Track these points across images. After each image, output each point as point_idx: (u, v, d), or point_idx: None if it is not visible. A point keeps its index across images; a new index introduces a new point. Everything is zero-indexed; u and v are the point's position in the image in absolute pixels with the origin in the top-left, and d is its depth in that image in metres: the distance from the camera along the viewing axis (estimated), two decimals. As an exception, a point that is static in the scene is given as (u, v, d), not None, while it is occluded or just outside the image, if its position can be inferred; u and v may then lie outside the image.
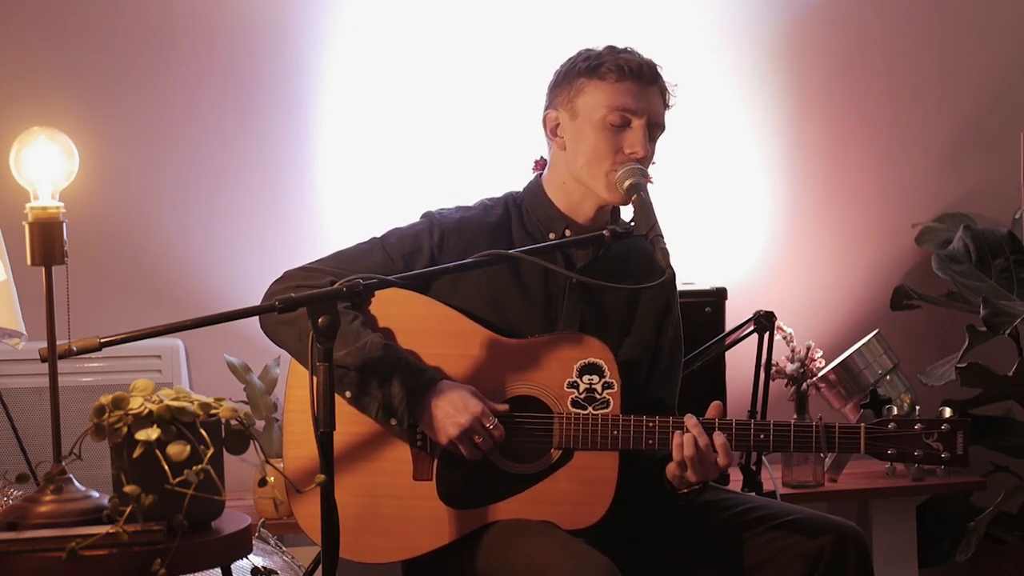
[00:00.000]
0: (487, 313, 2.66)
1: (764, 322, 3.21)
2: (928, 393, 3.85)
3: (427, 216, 2.77)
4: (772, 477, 3.54)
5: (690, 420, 2.55)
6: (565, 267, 2.69)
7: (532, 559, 2.47)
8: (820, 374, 3.65)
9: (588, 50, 2.73)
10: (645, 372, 2.75)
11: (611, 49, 2.70)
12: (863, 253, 4.13)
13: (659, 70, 2.71)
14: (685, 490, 2.61)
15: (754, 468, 3.37)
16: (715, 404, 2.60)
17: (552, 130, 2.73)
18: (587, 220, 2.73)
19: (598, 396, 2.60)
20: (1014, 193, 4.03)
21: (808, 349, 3.68)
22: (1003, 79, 4.20)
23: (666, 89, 2.71)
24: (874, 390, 3.65)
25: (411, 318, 2.64)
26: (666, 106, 2.72)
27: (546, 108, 2.75)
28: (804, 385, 3.65)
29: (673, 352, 2.80)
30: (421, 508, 2.59)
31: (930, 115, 4.17)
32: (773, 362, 3.40)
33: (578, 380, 2.60)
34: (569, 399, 2.60)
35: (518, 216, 2.76)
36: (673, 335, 2.80)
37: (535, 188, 2.78)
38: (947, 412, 2.59)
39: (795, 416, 3.64)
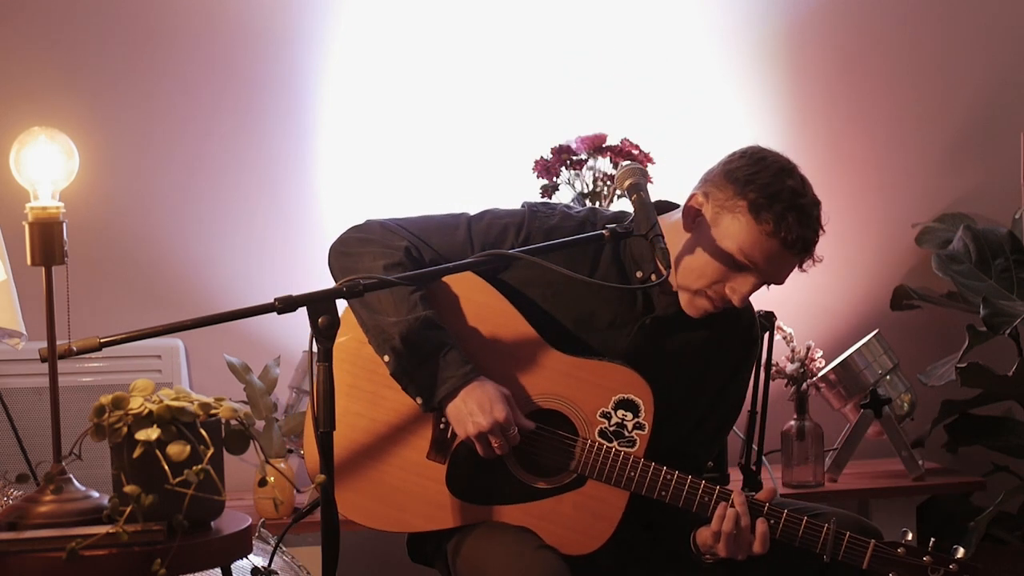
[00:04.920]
0: (546, 319, 2.63)
1: (764, 322, 3.21)
2: (928, 393, 3.85)
3: (525, 208, 2.69)
4: (772, 477, 3.54)
5: (739, 497, 2.53)
6: (643, 310, 2.64)
7: (489, 563, 2.49)
8: (820, 374, 3.66)
9: (777, 172, 2.56)
10: (691, 426, 2.71)
11: (791, 195, 2.53)
12: (863, 253, 4.13)
13: (813, 243, 2.56)
14: (709, 558, 2.60)
15: (754, 468, 3.37)
16: (770, 488, 2.58)
17: (690, 210, 2.59)
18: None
19: (626, 433, 2.57)
20: (1014, 193, 4.03)
21: (808, 349, 3.68)
22: (1003, 79, 4.20)
23: (807, 259, 2.59)
24: (874, 390, 3.65)
25: (471, 303, 2.62)
26: (799, 269, 2.61)
27: (703, 184, 2.61)
28: (804, 385, 3.65)
29: (726, 416, 2.77)
30: (426, 488, 2.59)
31: (930, 115, 4.17)
32: (773, 362, 3.41)
33: (612, 412, 2.58)
34: (598, 428, 2.58)
35: (614, 244, 2.64)
36: (733, 399, 2.76)
37: None
38: (960, 552, 2.51)
39: (795, 416, 3.65)
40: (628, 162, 2.65)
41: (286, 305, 2.36)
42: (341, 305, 2.59)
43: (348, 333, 2.62)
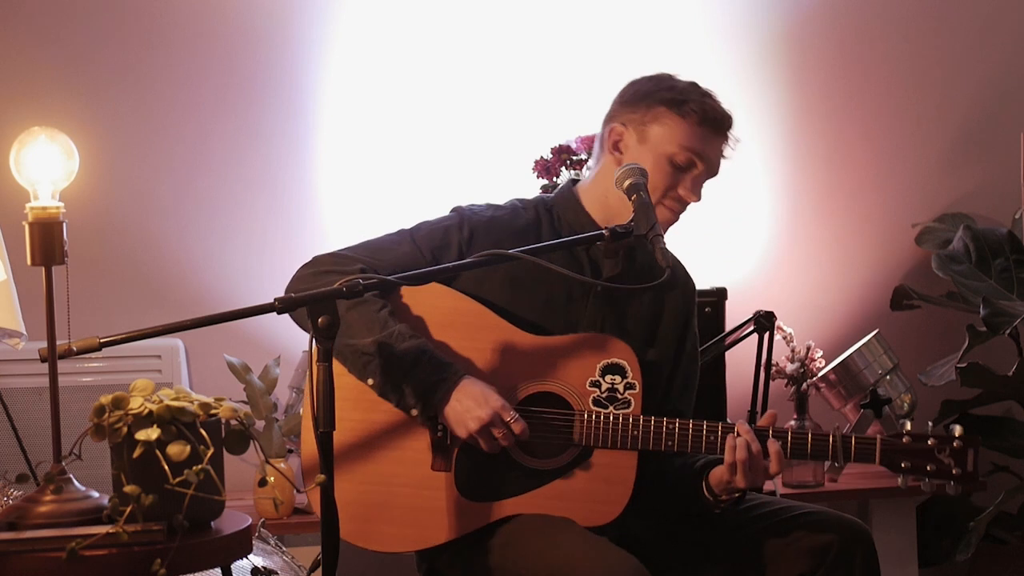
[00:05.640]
0: (509, 309, 2.66)
1: (764, 322, 3.21)
2: (928, 393, 3.85)
3: (457, 211, 2.76)
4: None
5: (742, 426, 2.56)
6: (591, 275, 2.70)
7: (555, 558, 2.47)
8: (820, 374, 3.65)
9: (670, 78, 2.74)
10: (664, 382, 2.75)
11: (695, 87, 2.73)
12: (863, 253, 4.14)
13: (732, 122, 2.73)
14: (726, 496, 2.61)
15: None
16: (770, 412, 2.62)
17: (614, 144, 2.72)
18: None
19: (620, 396, 2.60)
20: (1014, 193, 4.04)
21: (808, 349, 3.68)
22: (1003, 79, 4.20)
23: (729, 142, 2.74)
24: (874, 390, 3.65)
25: (439, 311, 2.64)
26: (724, 157, 2.75)
27: (611, 120, 2.74)
28: (804, 385, 3.65)
29: (689, 365, 2.80)
30: (437, 499, 2.59)
31: (930, 115, 4.17)
32: (773, 362, 3.41)
33: (600, 380, 2.61)
34: (591, 398, 2.60)
35: (549, 221, 2.75)
36: (690, 348, 2.80)
37: (568, 195, 2.78)
38: (958, 430, 2.60)
39: (795, 416, 3.65)
40: (628, 162, 2.66)
41: (286, 305, 2.36)
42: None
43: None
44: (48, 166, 2.40)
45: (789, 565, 2.61)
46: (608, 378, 2.61)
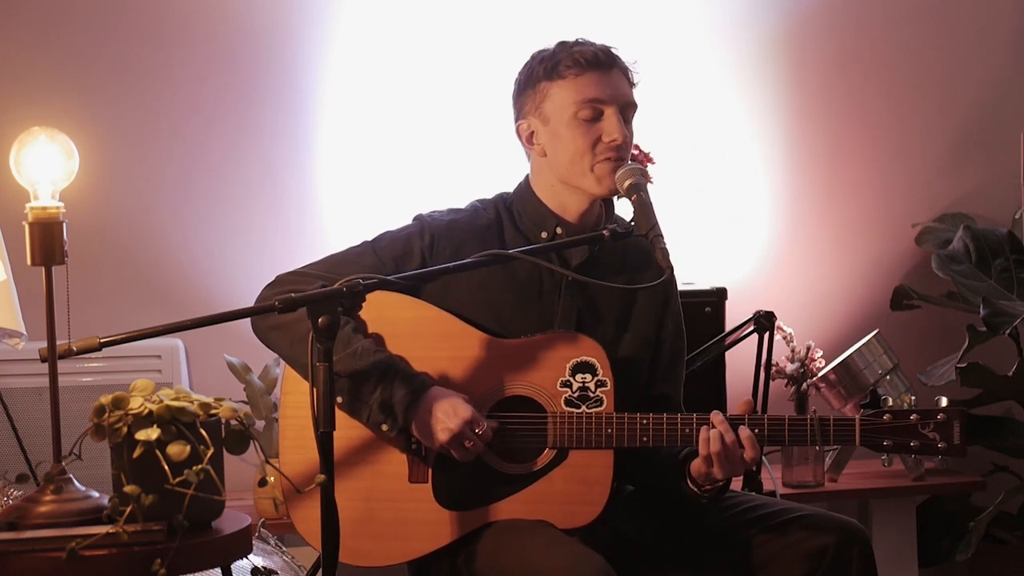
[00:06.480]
0: (481, 314, 2.66)
1: (764, 322, 3.21)
2: (928, 393, 3.85)
3: (418, 219, 2.76)
4: (772, 477, 3.54)
5: (716, 416, 2.54)
6: (560, 265, 2.69)
7: (526, 559, 2.47)
8: (820, 374, 3.65)
9: (541, 51, 2.73)
10: (647, 367, 2.75)
11: (563, 45, 2.71)
12: (863, 253, 4.14)
13: (615, 52, 2.70)
14: (709, 487, 2.60)
15: (754, 468, 3.37)
16: (745, 400, 2.60)
17: (528, 139, 2.74)
18: (577, 217, 2.73)
19: (591, 395, 2.59)
20: (1014, 193, 4.04)
21: (808, 349, 3.68)
22: (1003, 79, 4.20)
23: (627, 69, 2.72)
24: (874, 390, 3.65)
25: (403, 322, 2.63)
26: (632, 84, 2.72)
27: (516, 120, 2.76)
28: (804, 385, 3.65)
29: (674, 345, 2.79)
30: (418, 511, 2.59)
31: (930, 115, 4.17)
32: (773, 362, 3.40)
33: (571, 379, 2.60)
34: (563, 398, 2.60)
35: (509, 217, 2.76)
36: (673, 328, 2.79)
37: (524, 189, 2.78)
38: (943, 401, 2.56)
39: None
40: (628, 162, 2.66)
41: (286, 305, 2.37)
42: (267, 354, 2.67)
43: (292, 391, 2.62)
44: (48, 166, 2.40)
45: (785, 568, 2.60)
46: (579, 377, 2.60)
